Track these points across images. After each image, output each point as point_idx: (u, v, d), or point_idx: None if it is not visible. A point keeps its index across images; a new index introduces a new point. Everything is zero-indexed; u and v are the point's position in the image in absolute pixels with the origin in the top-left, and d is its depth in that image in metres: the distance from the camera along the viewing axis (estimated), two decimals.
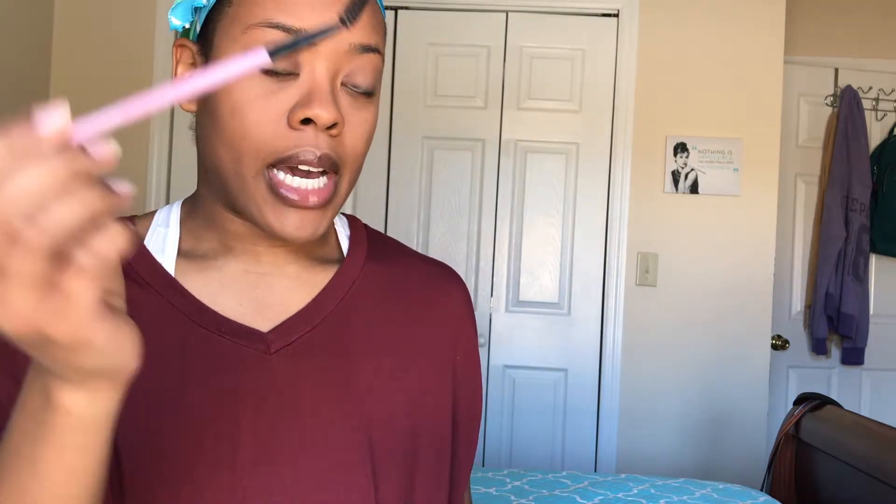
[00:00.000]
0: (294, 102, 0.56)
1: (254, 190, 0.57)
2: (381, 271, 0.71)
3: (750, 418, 2.75)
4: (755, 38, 2.76)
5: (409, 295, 0.72)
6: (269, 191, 0.57)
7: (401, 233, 2.80)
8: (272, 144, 0.56)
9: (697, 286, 2.75)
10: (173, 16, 0.59)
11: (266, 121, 0.56)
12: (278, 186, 0.57)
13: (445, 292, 0.74)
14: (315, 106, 0.55)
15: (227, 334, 0.62)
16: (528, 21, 2.81)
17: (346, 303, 0.67)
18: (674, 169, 2.76)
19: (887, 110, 3.27)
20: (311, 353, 0.64)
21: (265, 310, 0.64)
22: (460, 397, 0.72)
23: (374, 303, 0.69)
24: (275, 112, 0.56)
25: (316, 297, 0.66)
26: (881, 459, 1.79)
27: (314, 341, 0.64)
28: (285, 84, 0.56)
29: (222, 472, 0.59)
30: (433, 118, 2.81)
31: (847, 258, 3.12)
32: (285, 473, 0.61)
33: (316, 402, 0.63)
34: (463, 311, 0.75)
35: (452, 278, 0.77)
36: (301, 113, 0.56)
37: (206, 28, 0.59)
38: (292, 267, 0.67)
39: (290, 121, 0.56)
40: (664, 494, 1.86)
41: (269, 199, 0.57)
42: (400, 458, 0.66)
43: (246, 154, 0.56)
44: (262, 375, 0.62)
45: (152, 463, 0.57)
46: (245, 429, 0.60)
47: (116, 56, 2.80)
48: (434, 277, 0.75)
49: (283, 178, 0.57)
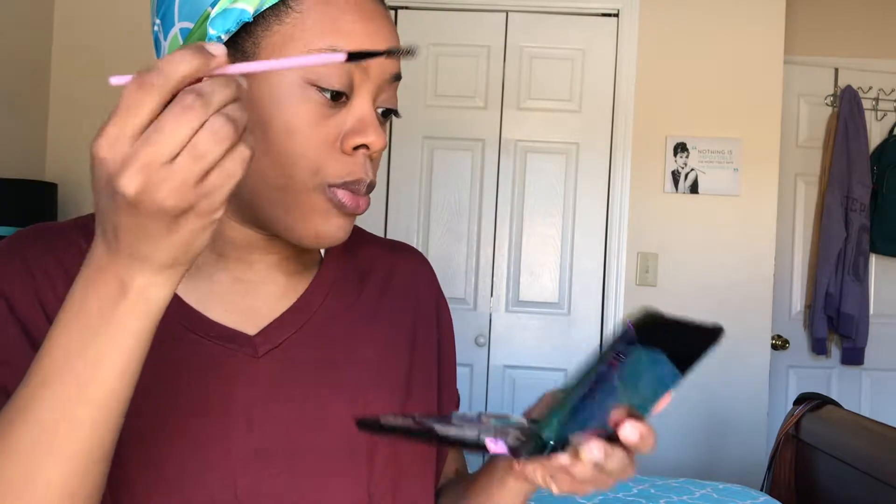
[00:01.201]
0: (347, 127, 0.59)
1: (310, 203, 0.59)
2: (355, 266, 0.73)
3: (750, 418, 2.75)
4: (755, 38, 2.76)
5: (383, 285, 0.74)
6: (330, 203, 0.59)
7: (401, 233, 2.80)
8: (329, 167, 0.58)
9: (697, 286, 2.75)
10: (212, 27, 0.57)
11: (322, 144, 0.58)
12: (340, 199, 0.59)
13: (413, 275, 0.77)
14: (370, 133, 0.59)
15: (216, 338, 0.62)
16: (528, 21, 2.81)
17: (328, 303, 0.68)
18: (674, 169, 2.76)
19: (887, 110, 3.27)
20: (297, 356, 0.65)
21: (254, 318, 0.65)
22: (443, 376, 0.75)
23: (353, 300, 0.70)
24: (332, 136, 0.58)
25: (298, 299, 0.67)
26: (881, 459, 1.79)
27: (300, 343, 0.65)
28: (337, 109, 0.58)
29: (214, 474, 0.59)
30: (433, 118, 2.81)
31: (847, 258, 3.12)
32: (277, 476, 0.61)
33: (305, 404, 0.63)
34: (434, 290, 0.79)
35: (415, 259, 0.79)
36: (357, 139, 0.59)
37: (244, 41, 0.58)
38: (281, 275, 0.67)
39: (345, 146, 0.59)
40: (664, 494, 1.86)
41: (327, 209, 0.59)
42: (392, 455, 0.66)
43: (302, 172, 0.58)
44: (250, 379, 0.62)
45: (143, 467, 0.57)
46: (235, 432, 0.60)
47: (116, 56, 2.80)
48: (399, 262, 0.77)
49: (343, 194, 0.59)
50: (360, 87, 0.60)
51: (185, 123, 0.37)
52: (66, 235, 0.62)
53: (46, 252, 0.60)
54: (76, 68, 2.80)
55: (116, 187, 0.39)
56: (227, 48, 0.57)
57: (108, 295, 0.43)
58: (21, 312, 0.58)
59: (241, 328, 0.64)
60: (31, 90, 2.71)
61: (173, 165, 0.38)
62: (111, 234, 0.42)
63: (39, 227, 0.63)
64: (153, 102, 0.38)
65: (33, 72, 2.72)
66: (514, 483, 0.63)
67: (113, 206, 0.40)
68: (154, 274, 0.43)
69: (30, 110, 2.72)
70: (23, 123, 2.67)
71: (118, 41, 2.80)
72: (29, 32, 2.68)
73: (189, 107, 0.38)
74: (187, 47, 0.39)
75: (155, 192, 0.38)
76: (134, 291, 0.43)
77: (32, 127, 2.73)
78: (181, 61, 0.38)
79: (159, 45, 0.62)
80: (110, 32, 2.81)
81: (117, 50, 2.80)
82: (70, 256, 0.60)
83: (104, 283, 0.43)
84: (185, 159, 0.38)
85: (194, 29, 0.59)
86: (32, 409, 0.44)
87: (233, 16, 0.57)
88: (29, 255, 0.60)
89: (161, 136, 0.37)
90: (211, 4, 0.57)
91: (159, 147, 0.37)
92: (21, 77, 2.64)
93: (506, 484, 0.64)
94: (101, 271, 0.43)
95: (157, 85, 0.37)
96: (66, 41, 2.81)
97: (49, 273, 0.59)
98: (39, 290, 0.58)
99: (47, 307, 0.58)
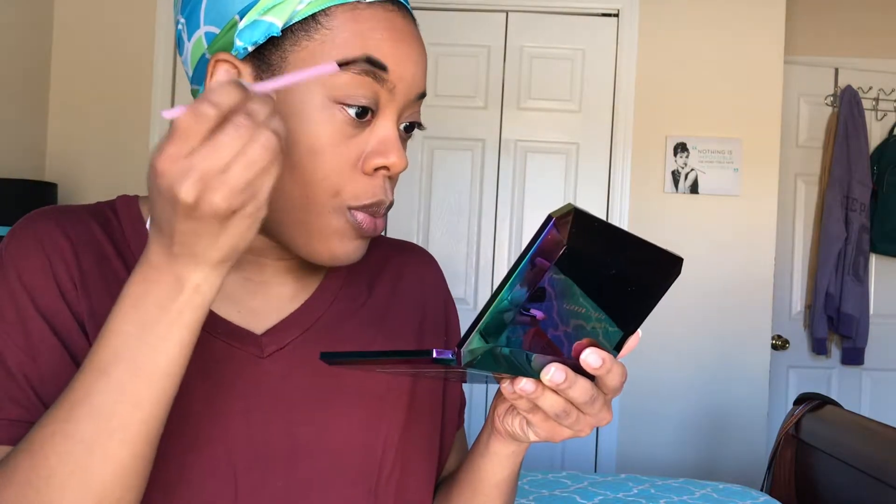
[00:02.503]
0: (369, 148, 0.59)
1: (330, 224, 0.59)
2: (363, 269, 0.73)
3: (750, 418, 2.75)
4: (755, 38, 2.76)
5: (391, 288, 0.74)
6: (348, 225, 0.60)
7: (401, 233, 2.80)
8: (349, 189, 0.59)
9: (697, 286, 2.75)
10: (239, 38, 0.57)
11: (344, 165, 0.58)
12: (361, 222, 0.60)
13: (421, 277, 0.77)
14: (392, 155, 0.59)
15: (222, 335, 0.62)
16: (528, 21, 2.81)
17: (336, 306, 0.68)
18: (674, 169, 2.76)
19: (887, 110, 3.27)
20: (304, 358, 0.64)
21: (263, 318, 0.65)
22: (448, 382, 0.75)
23: (361, 303, 0.70)
24: (354, 156, 0.58)
25: (307, 300, 0.67)
26: (881, 459, 1.79)
27: (307, 345, 0.65)
28: (360, 129, 0.58)
29: (216, 474, 0.59)
30: (433, 118, 2.81)
31: (847, 258, 3.12)
32: (278, 478, 0.61)
33: (309, 406, 0.63)
34: (442, 292, 0.78)
35: (424, 260, 0.79)
36: (379, 161, 0.59)
37: (271, 54, 0.58)
38: (291, 277, 0.68)
39: (366, 166, 0.59)
40: (664, 494, 1.86)
41: (344, 231, 0.60)
42: (398, 455, 0.66)
43: (322, 193, 0.58)
44: (254, 379, 0.62)
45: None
46: (237, 432, 0.60)
47: (116, 56, 2.80)
48: (407, 264, 0.77)
49: (363, 217, 0.60)
50: (385, 108, 0.59)
51: (239, 139, 0.44)
52: (78, 216, 0.63)
53: (56, 227, 0.61)
54: (76, 68, 2.80)
55: (177, 195, 0.44)
56: (252, 59, 0.58)
57: (165, 290, 0.48)
58: (42, 303, 0.59)
59: (249, 327, 0.64)
60: (31, 90, 2.71)
61: (227, 174, 0.44)
62: (168, 237, 0.47)
63: (51, 208, 0.64)
64: (206, 128, 0.44)
65: (33, 72, 2.72)
66: (498, 445, 0.63)
67: (172, 212, 0.45)
68: (207, 271, 0.48)
69: (30, 110, 2.72)
70: (23, 123, 2.67)
71: (118, 41, 2.80)
72: (29, 32, 2.68)
73: (239, 125, 0.44)
74: (232, 84, 0.45)
75: (212, 196, 0.44)
76: (189, 286, 0.48)
77: (32, 127, 2.73)
78: (229, 94, 0.44)
79: (182, 44, 0.62)
80: (110, 33, 2.81)
81: (117, 50, 2.80)
82: (78, 233, 0.61)
83: (162, 280, 0.48)
84: (237, 168, 0.44)
85: (220, 35, 0.58)
86: (94, 393, 0.48)
87: (261, 28, 0.57)
88: (41, 231, 0.61)
89: (218, 151, 0.44)
90: (239, 12, 0.57)
91: (215, 159, 0.44)
92: (21, 77, 2.64)
93: (490, 448, 0.63)
94: (158, 269, 0.48)
95: (210, 115, 0.44)
96: (66, 41, 2.81)
97: (59, 246, 0.60)
98: (53, 265, 0.60)
99: (59, 281, 0.59)
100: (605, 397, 0.53)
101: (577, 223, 0.43)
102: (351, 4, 0.57)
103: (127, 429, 0.48)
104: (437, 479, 0.74)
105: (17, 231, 0.61)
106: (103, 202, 0.67)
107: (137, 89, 2.79)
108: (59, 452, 0.48)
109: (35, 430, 0.49)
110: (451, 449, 0.77)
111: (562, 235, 0.43)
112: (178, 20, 0.62)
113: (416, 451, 0.68)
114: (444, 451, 0.75)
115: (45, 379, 0.57)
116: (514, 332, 0.46)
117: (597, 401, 0.52)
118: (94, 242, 0.62)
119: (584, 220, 0.43)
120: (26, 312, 0.58)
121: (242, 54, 0.58)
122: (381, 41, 0.58)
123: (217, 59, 0.58)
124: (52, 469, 0.48)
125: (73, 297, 0.59)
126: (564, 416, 0.52)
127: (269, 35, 0.57)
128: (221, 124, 0.44)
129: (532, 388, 0.50)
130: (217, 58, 0.58)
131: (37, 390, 0.56)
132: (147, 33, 2.80)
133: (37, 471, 0.48)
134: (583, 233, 0.43)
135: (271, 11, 0.56)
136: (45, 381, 0.57)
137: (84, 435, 0.48)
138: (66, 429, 0.48)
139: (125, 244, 0.63)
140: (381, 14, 0.58)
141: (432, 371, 0.49)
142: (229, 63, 0.58)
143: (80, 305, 0.59)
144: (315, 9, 0.57)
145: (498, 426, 0.61)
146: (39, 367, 0.57)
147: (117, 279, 0.61)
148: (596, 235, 0.45)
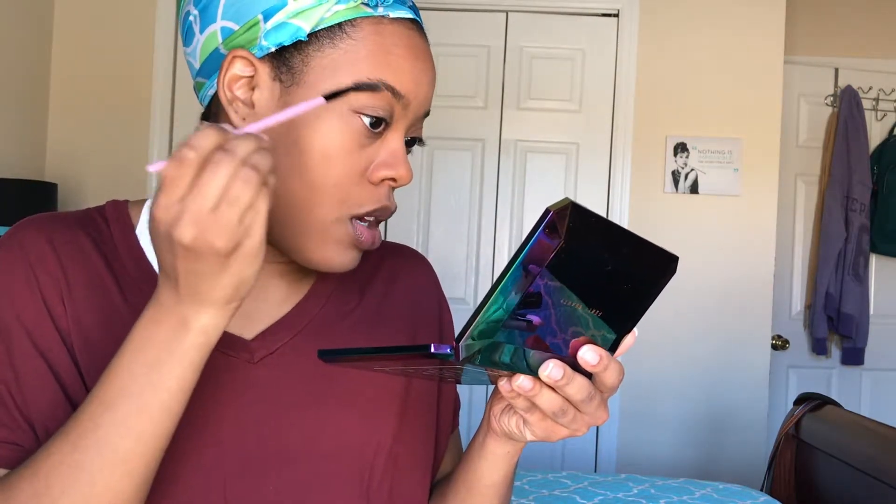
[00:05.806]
0: (379, 159, 0.60)
1: (331, 231, 0.60)
2: (356, 272, 0.72)
3: (750, 418, 2.75)
4: (755, 38, 2.76)
5: (384, 291, 0.74)
6: (349, 236, 0.60)
7: (401, 233, 2.80)
8: (357, 197, 0.60)
9: (697, 286, 2.75)
10: (265, 38, 0.57)
11: (354, 173, 0.59)
12: (361, 235, 0.61)
13: (414, 280, 0.77)
14: (401, 167, 0.60)
15: None
16: (528, 21, 2.81)
17: (326, 310, 0.68)
18: (674, 169, 2.76)
19: (887, 110, 3.27)
20: (295, 361, 0.64)
21: (253, 323, 0.65)
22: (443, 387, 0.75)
23: (353, 306, 0.70)
24: (363, 166, 0.59)
25: (298, 304, 0.67)
26: (881, 459, 1.79)
27: (298, 349, 0.65)
28: (372, 140, 0.59)
29: (207, 481, 0.59)
30: (433, 118, 2.79)
31: (847, 258, 3.12)
32: (269, 482, 0.61)
33: (301, 410, 0.63)
34: (436, 294, 0.78)
35: (416, 262, 0.79)
36: (388, 172, 0.60)
37: (293, 57, 0.58)
38: (282, 281, 0.67)
39: (373, 177, 0.60)
40: (664, 494, 1.86)
41: (343, 241, 0.60)
42: (390, 461, 0.66)
43: (329, 200, 0.59)
44: (245, 385, 0.62)
45: None
46: (228, 440, 0.60)
47: (116, 56, 2.80)
48: (400, 267, 0.77)
49: (363, 230, 0.61)
50: (398, 122, 0.60)
51: (218, 175, 0.45)
52: (66, 224, 0.63)
53: (43, 238, 0.61)
54: (76, 68, 2.80)
55: (174, 238, 0.46)
56: (270, 59, 0.58)
57: (172, 330, 0.50)
58: (25, 317, 0.59)
59: (239, 332, 0.64)
60: (31, 90, 2.71)
61: (217, 212, 0.45)
62: (173, 280, 0.49)
63: (39, 217, 0.64)
64: (191, 173, 0.45)
65: (33, 72, 2.72)
66: (494, 445, 0.63)
67: (173, 256, 0.47)
68: (212, 312, 0.50)
69: (30, 110, 2.72)
70: (23, 123, 2.67)
71: (118, 42, 2.80)
72: (29, 33, 2.68)
73: (218, 161, 0.45)
74: (210, 127, 0.47)
75: (206, 236, 0.46)
76: (195, 328, 0.50)
77: (32, 127, 2.73)
78: (207, 137, 0.46)
79: (192, 35, 0.62)
80: (110, 33, 2.81)
81: (117, 50, 2.80)
82: (64, 243, 0.61)
83: (169, 321, 0.50)
84: (223, 205, 0.45)
85: (238, 32, 0.58)
86: (98, 426, 0.50)
87: (289, 31, 0.57)
88: (27, 243, 0.60)
89: (202, 189, 0.45)
90: (263, 11, 0.57)
91: (203, 199, 0.45)
92: (21, 77, 2.64)
93: (486, 448, 0.63)
94: (166, 311, 0.50)
95: (191, 159, 0.46)
96: (66, 41, 2.81)
97: (45, 258, 0.60)
98: (38, 277, 0.60)
99: (44, 294, 0.59)
100: (601, 395, 0.53)
101: (574, 217, 0.43)
102: (376, 18, 0.58)
103: (129, 462, 0.50)
104: (432, 482, 0.74)
105: (3, 242, 0.61)
106: (93, 208, 0.66)
107: (137, 89, 2.79)
108: (62, 481, 0.50)
109: (39, 457, 0.51)
110: (445, 451, 0.77)
111: (559, 228, 0.43)
112: (189, 11, 0.61)
113: (409, 453, 0.68)
114: (439, 454, 0.74)
115: (27, 399, 0.57)
116: (511, 329, 0.46)
117: (594, 399, 0.52)
118: (82, 252, 0.62)
119: (582, 214, 0.44)
120: (10, 328, 0.58)
121: (261, 54, 0.58)
122: (401, 58, 0.59)
123: (234, 56, 0.58)
124: (54, 498, 0.50)
125: (58, 311, 0.59)
126: (562, 414, 0.52)
127: (296, 39, 0.57)
128: (203, 165, 0.45)
129: (530, 385, 0.50)
130: (234, 54, 0.58)
131: (21, 409, 0.57)
132: (147, 34, 2.80)
133: (39, 498, 0.50)
134: (580, 226, 0.44)
135: (300, 16, 0.57)
136: (27, 401, 0.57)
137: (88, 466, 0.50)
138: (71, 459, 0.50)
139: (115, 252, 0.63)
140: (404, 31, 0.60)
141: (429, 368, 0.49)
142: (246, 60, 0.58)
143: (64, 318, 0.59)
144: (342, 18, 0.57)
145: (494, 426, 0.61)
146: (22, 385, 0.57)
147: (105, 289, 0.61)
148: (593, 230, 0.45)
